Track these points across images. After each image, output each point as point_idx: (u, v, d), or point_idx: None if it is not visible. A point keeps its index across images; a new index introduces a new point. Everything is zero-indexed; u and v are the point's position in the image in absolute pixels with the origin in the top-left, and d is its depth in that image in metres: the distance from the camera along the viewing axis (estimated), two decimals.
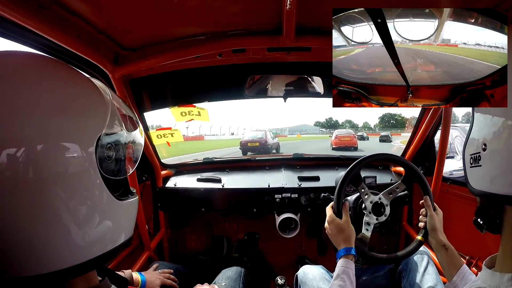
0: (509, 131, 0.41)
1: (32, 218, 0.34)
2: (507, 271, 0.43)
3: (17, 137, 0.33)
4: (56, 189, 0.34)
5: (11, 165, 0.32)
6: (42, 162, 0.33)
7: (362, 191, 0.94)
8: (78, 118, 0.37)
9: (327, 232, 0.88)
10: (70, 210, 0.36)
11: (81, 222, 0.37)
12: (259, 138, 13.19)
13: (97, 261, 0.39)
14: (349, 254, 0.81)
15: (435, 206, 0.91)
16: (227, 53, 1.03)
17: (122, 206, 0.43)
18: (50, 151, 0.34)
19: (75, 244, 0.37)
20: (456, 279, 0.77)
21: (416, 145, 1.41)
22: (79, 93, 0.40)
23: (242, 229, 1.75)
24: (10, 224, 0.33)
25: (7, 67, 0.36)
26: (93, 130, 0.38)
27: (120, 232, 0.43)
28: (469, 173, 0.50)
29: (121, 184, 0.44)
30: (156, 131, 1.40)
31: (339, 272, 0.77)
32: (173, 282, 1.04)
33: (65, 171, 0.35)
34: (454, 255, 0.80)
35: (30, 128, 0.33)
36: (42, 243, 0.35)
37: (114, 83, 0.99)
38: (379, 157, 1.02)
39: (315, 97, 1.29)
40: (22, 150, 0.32)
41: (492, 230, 0.47)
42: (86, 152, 0.37)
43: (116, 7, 0.73)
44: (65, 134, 0.36)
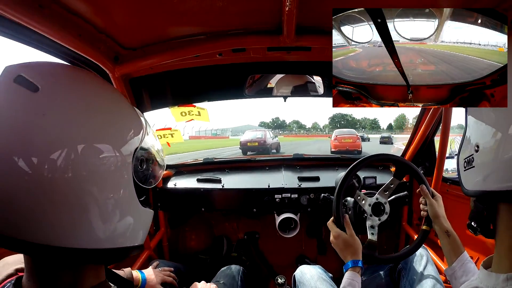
0: (501, 129, 0.42)
1: (69, 203, 0.38)
2: (503, 272, 0.43)
3: (75, 138, 0.39)
4: (92, 186, 0.40)
5: (61, 157, 0.37)
6: (87, 162, 0.39)
7: (358, 198, 0.95)
8: (124, 130, 0.46)
9: (334, 247, 0.88)
10: (102, 202, 0.41)
11: (110, 213, 0.42)
12: (258, 138, 13.51)
13: (113, 254, 0.43)
14: (356, 266, 0.82)
15: (433, 192, 0.91)
16: (227, 53, 1.03)
17: (142, 212, 0.48)
18: (92, 150, 0.40)
19: (99, 231, 0.41)
20: (456, 265, 0.78)
21: (416, 145, 1.41)
22: (126, 113, 0.48)
23: (242, 229, 1.76)
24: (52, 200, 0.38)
25: (76, 78, 0.44)
26: (133, 142, 0.46)
27: (138, 233, 0.48)
28: (463, 176, 0.51)
29: (143, 193, 0.50)
30: (156, 131, 1.40)
31: (345, 285, 0.79)
32: (173, 280, 1.04)
33: (106, 168, 0.41)
34: (456, 242, 0.81)
35: (84, 128, 0.40)
36: (70, 222, 0.39)
37: (114, 82, 0.99)
38: (369, 160, 0.96)
39: (315, 97, 1.29)
40: (77, 148, 0.39)
41: (485, 234, 0.48)
42: (126, 159, 0.44)
43: (116, 6, 0.73)
44: (114, 143, 0.43)
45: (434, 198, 0.90)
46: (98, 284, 0.44)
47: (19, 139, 0.36)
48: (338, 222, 0.89)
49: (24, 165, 0.36)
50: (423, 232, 0.90)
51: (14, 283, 0.42)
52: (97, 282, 0.44)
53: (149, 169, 0.51)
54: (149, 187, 0.51)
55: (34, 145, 0.37)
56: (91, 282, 0.43)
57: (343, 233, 0.87)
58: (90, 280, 0.43)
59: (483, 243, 1.13)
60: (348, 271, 0.82)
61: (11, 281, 0.43)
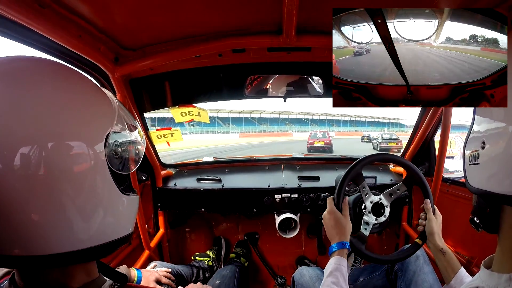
0: (507, 131, 0.42)
1: (44, 205, 0.37)
2: (504, 271, 0.43)
3: (32, 135, 0.36)
4: (66, 182, 0.37)
5: (29, 161, 0.35)
6: (56, 157, 0.37)
7: (363, 190, 0.94)
8: (89, 118, 0.42)
9: (324, 222, 0.88)
10: (77, 199, 0.38)
11: (87, 211, 0.39)
12: (324, 138, 15.49)
13: (98, 251, 0.41)
14: (344, 248, 0.80)
15: (435, 209, 0.91)
16: (227, 53, 1.03)
17: (125, 200, 0.45)
18: (62, 147, 0.38)
19: (79, 231, 0.39)
20: (454, 282, 0.78)
21: (416, 145, 1.41)
22: (90, 98, 0.44)
23: (242, 229, 1.75)
24: (23, 208, 0.36)
25: (25, 70, 0.40)
26: (101, 128, 0.42)
27: (122, 225, 0.46)
28: (468, 170, 0.50)
29: (124, 180, 0.47)
30: (156, 131, 1.40)
31: (332, 270, 0.76)
32: (170, 280, 1.04)
33: (76, 162, 0.38)
34: (452, 259, 0.81)
35: (43, 128, 0.37)
36: (49, 227, 0.37)
37: (114, 83, 0.99)
38: (383, 157, 1.02)
39: (315, 97, 1.29)
40: (35, 147, 0.36)
41: (488, 229, 0.47)
42: (96, 147, 0.40)
43: (116, 6, 0.73)
44: (75, 132, 0.39)
45: (435, 215, 0.89)
46: (91, 281, 0.43)
47: None
48: (338, 202, 0.89)
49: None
50: (415, 245, 0.90)
51: (10, 278, 0.42)
52: (89, 279, 0.43)
53: (126, 154, 0.47)
54: (128, 172, 0.47)
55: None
56: (82, 279, 0.42)
57: (338, 212, 0.86)
58: (81, 277, 0.42)
59: (484, 243, 1.13)
60: (334, 256, 0.79)
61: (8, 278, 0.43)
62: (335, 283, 0.73)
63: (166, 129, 1.40)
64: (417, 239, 0.90)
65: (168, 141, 1.42)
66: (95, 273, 0.45)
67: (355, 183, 0.95)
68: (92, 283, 0.43)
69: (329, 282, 0.74)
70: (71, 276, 0.41)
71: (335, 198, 0.90)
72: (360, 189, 0.95)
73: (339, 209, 0.87)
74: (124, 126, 0.47)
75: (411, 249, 0.90)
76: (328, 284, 0.74)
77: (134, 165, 0.49)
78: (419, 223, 0.92)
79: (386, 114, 62.09)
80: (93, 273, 0.45)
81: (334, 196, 0.91)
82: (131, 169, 0.48)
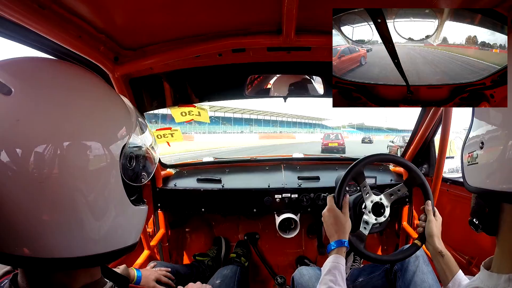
0: (506, 129, 0.42)
1: (57, 209, 0.37)
2: (504, 272, 0.43)
3: (48, 137, 0.36)
4: (79, 185, 0.38)
5: (44, 160, 0.36)
6: (72, 162, 0.37)
7: (364, 189, 0.94)
8: (108, 127, 0.43)
9: (324, 220, 0.88)
10: (89, 205, 0.39)
11: (98, 219, 0.40)
12: (337, 139, 15.79)
13: (105, 257, 0.42)
14: (342, 246, 0.80)
15: (435, 211, 0.91)
16: (227, 53, 1.03)
17: (134, 211, 0.46)
18: (80, 150, 0.38)
19: (89, 237, 0.40)
20: (451, 285, 0.77)
21: (416, 145, 1.41)
22: (113, 107, 0.45)
23: (242, 229, 1.75)
24: (34, 212, 0.36)
25: (58, 74, 0.42)
26: (120, 139, 0.43)
27: (130, 234, 0.47)
28: (466, 171, 0.50)
29: (135, 191, 0.48)
30: (156, 131, 1.40)
31: (330, 268, 0.76)
32: (170, 280, 1.04)
33: (90, 168, 0.39)
34: (450, 261, 0.81)
35: (64, 129, 0.38)
36: (60, 231, 0.38)
37: (114, 82, 0.99)
38: (384, 157, 1.01)
39: (316, 97, 1.29)
40: (57, 152, 0.36)
41: (488, 230, 0.47)
42: (112, 157, 0.41)
43: (116, 7, 0.73)
44: (93, 139, 0.40)
45: (435, 217, 0.89)
46: (93, 282, 0.44)
47: None
48: (338, 199, 0.88)
49: (3, 172, 0.34)
50: (414, 246, 0.90)
51: (11, 279, 0.42)
52: (92, 280, 0.44)
53: (139, 166, 0.48)
54: (140, 184, 0.48)
55: (9, 153, 0.34)
56: (85, 280, 0.43)
57: (338, 210, 0.86)
58: (84, 279, 0.43)
59: (484, 243, 1.13)
60: (332, 254, 0.79)
61: (9, 278, 0.43)
62: (333, 281, 0.73)
63: (166, 129, 1.41)
64: (416, 241, 0.90)
65: (168, 141, 1.42)
66: (97, 275, 0.46)
67: (356, 181, 0.95)
68: (93, 284, 0.44)
69: (327, 280, 0.74)
70: (75, 278, 0.42)
71: (336, 196, 0.89)
72: (361, 188, 0.95)
73: (339, 207, 0.87)
74: (141, 139, 0.47)
75: (409, 250, 0.90)
76: (326, 282, 0.74)
77: (147, 177, 0.50)
78: (419, 225, 0.92)
79: (309, 113, 58.97)
80: (95, 275, 0.45)
81: (334, 194, 0.90)
82: (143, 181, 0.49)
